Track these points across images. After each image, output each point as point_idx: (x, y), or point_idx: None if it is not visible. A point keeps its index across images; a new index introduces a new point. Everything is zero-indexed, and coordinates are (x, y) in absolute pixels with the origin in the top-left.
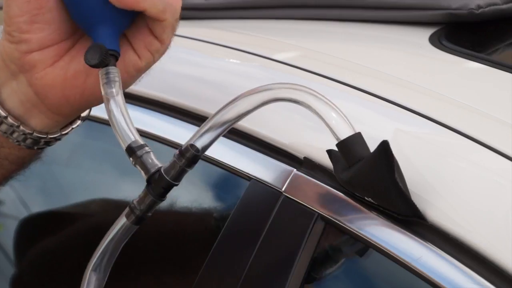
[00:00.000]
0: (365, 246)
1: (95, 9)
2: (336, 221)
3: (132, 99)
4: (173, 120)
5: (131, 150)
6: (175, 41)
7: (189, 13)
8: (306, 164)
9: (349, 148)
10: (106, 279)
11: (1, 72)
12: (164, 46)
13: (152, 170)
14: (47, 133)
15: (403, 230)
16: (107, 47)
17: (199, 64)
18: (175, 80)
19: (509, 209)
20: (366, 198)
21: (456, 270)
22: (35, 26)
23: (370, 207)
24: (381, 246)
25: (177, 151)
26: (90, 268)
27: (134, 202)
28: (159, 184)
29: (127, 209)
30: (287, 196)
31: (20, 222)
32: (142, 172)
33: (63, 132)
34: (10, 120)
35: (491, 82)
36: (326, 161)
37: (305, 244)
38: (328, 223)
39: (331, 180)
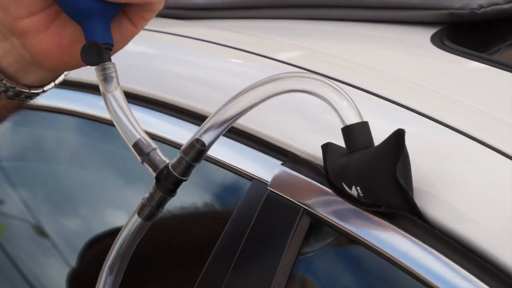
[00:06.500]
0: (351, 241)
1: (84, 5)
2: (322, 216)
3: (133, 98)
4: (173, 119)
5: (138, 148)
6: (176, 41)
7: (190, 13)
8: (291, 159)
9: (354, 134)
10: (121, 278)
11: None
12: (154, 11)
13: (160, 167)
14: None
15: (390, 225)
16: (101, 41)
17: (200, 64)
18: (175, 80)
19: (510, 208)
20: (353, 189)
21: (443, 264)
22: None
23: (357, 201)
24: (367, 241)
25: (183, 146)
26: (106, 268)
27: (145, 199)
28: (167, 180)
29: (139, 206)
30: (272, 191)
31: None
32: (151, 169)
33: (45, 89)
34: None
35: (493, 82)
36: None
37: (291, 239)
38: (314, 218)
39: (317, 175)
